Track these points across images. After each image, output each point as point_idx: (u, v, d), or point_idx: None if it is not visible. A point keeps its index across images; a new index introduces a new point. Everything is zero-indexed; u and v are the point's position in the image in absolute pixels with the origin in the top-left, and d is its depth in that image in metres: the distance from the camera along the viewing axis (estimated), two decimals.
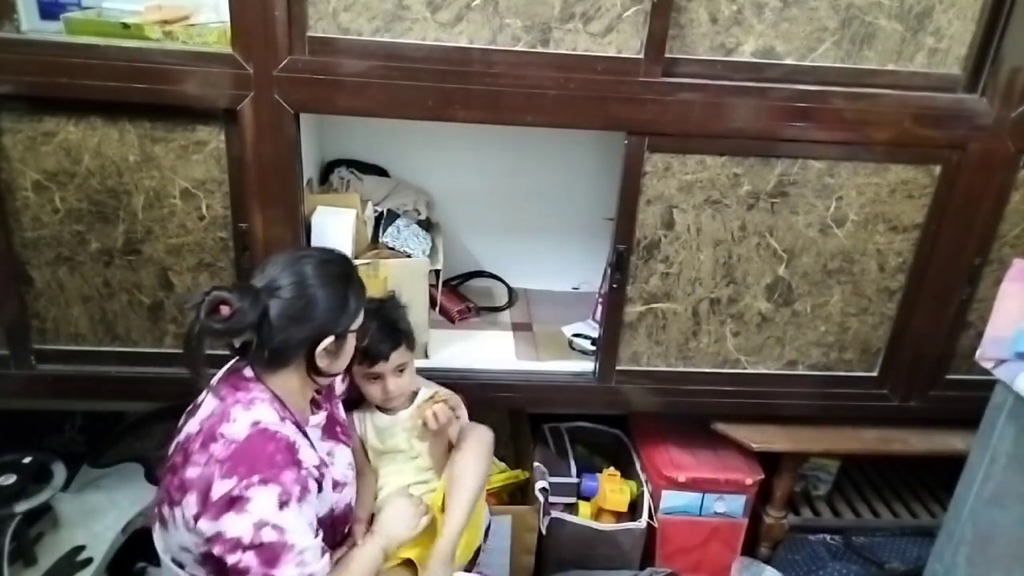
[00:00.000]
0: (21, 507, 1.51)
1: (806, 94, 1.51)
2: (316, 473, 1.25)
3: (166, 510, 1.24)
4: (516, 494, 1.94)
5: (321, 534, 1.23)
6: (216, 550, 1.15)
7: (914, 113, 1.53)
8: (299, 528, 1.17)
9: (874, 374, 1.79)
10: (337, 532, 1.36)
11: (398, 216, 1.85)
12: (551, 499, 1.86)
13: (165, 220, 1.54)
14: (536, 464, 1.90)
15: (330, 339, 1.23)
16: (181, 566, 1.27)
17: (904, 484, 2.14)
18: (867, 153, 1.57)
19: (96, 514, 1.68)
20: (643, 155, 1.54)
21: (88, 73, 1.39)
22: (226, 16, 1.39)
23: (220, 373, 1.30)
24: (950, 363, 1.78)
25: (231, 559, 1.13)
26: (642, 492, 1.90)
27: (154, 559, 1.84)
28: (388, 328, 1.44)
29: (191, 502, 1.17)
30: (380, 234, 1.79)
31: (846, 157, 1.58)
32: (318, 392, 1.36)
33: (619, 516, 1.90)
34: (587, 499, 1.92)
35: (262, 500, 1.14)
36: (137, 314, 1.62)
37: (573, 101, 1.48)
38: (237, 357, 1.27)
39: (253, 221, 1.53)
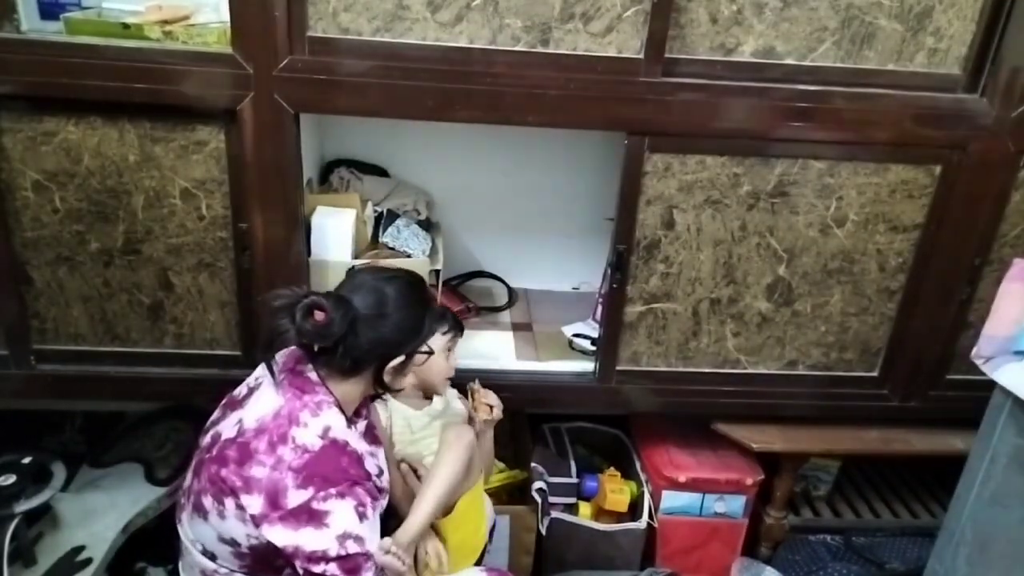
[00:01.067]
0: (21, 507, 1.51)
1: (806, 94, 1.51)
2: (380, 482, 1.31)
3: (208, 501, 1.23)
4: (516, 494, 1.94)
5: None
6: (298, 562, 1.17)
7: (914, 113, 1.53)
8: (374, 535, 1.22)
9: (874, 374, 1.79)
10: (384, 530, 1.38)
11: (398, 216, 1.85)
12: (551, 499, 1.86)
13: (165, 220, 1.54)
14: (534, 464, 1.90)
15: (399, 359, 1.29)
16: (213, 557, 1.27)
17: (904, 484, 2.14)
18: (867, 153, 1.57)
19: (96, 514, 1.68)
20: (643, 155, 1.54)
21: (88, 73, 1.39)
22: (226, 16, 1.39)
23: (277, 368, 1.30)
24: (950, 363, 1.78)
25: (316, 569, 1.16)
26: (642, 492, 1.90)
27: (154, 559, 1.86)
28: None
29: (256, 503, 1.17)
30: (380, 234, 1.79)
31: (846, 157, 1.58)
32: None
33: (619, 516, 1.90)
34: (587, 499, 1.92)
35: (342, 514, 1.18)
36: (137, 314, 1.62)
37: (573, 101, 1.48)
38: (303, 355, 1.30)
39: (253, 221, 1.53)
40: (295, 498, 1.16)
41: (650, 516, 1.87)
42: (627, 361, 1.74)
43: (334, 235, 1.67)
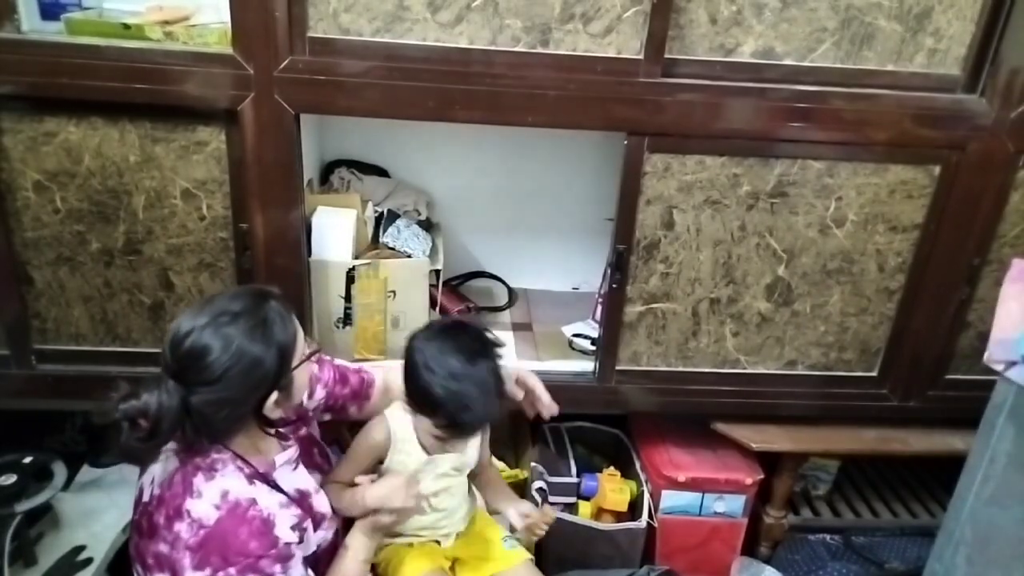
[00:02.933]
0: (21, 507, 1.51)
1: (806, 94, 1.51)
2: (296, 537, 1.18)
3: (140, 571, 1.19)
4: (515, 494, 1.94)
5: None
6: None
7: (913, 113, 1.53)
8: None
9: (874, 374, 1.80)
10: (328, 560, 1.31)
11: (398, 216, 1.85)
12: (551, 499, 1.86)
13: (166, 220, 1.54)
14: (533, 464, 1.90)
15: (275, 394, 1.15)
16: None
17: (904, 484, 2.15)
18: (866, 153, 1.58)
19: (96, 514, 1.68)
20: (643, 155, 1.54)
21: (89, 73, 1.39)
22: (226, 16, 1.39)
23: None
24: (950, 363, 1.78)
25: None
26: (642, 492, 1.90)
27: None
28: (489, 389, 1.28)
29: None
30: (380, 234, 1.79)
31: (845, 157, 1.58)
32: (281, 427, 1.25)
33: (619, 516, 1.91)
34: (587, 499, 1.92)
35: None
36: (137, 314, 1.62)
37: (573, 101, 1.48)
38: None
39: (253, 221, 1.53)
40: None
41: (650, 516, 1.87)
42: (627, 361, 1.74)
43: (334, 235, 1.67)
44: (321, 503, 1.29)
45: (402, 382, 1.32)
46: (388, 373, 1.49)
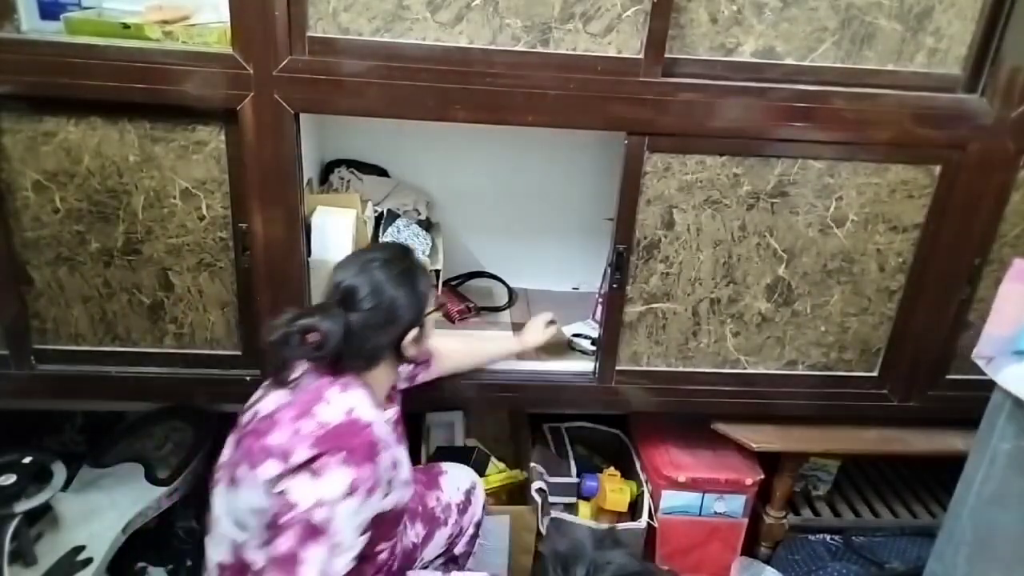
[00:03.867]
0: (21, 507, 1.51)
1: (806, 94, 1.51)
2: (388, 475, 1.28)
3: (242, 471, 1.25)
4: (516, 494, 1.94)
5: (367, 536, 1.24)
6: (274, 503, 1.18)
7: (914, 113, 1.53)
8: (348, 524, 1.20)
9: (874, 374, 1.80)
10: (395, 526, 1.39)
11: (398, 216, 1.85)
12: (551, 499, 1.86)
13: (165, 220, 1.54)
14: (533, 464, 1.90)
15: (415, 331, 1.32)
16: (243, 528, 1.27)
17: (904, 484, 2.14)
18: (867, 153, 1.57)
19: (96, 514, 1.68)
20: (643, 155, 1.54)
21: (88, 73, 1.39)
22: (226, 16, 1.39)
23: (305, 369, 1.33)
24: (950, 363, 1.78)
25: (283, 518, 1.17)
26: (642, 492, 1.90)
27: (154, 559, 1.86)
28: None
29: (270, 466, 1.20)
30: (380, 234, 1.79)
31: (846, 157, 1.58)
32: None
33: (619, 516, 1.90)
34: (587, 499, 1.92)
35: (335, 477, 1.18)
36: (137, 314, 1.62)
37: (573, 101, 1.48)
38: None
39: (253, 221, 1.53)
40: (301, 454, 1.19)
41: (650, 516, 1.87)
42: (627, 361, 1.74)
43: (334, 235, 1.67)
44: (403, 470, 1.37)
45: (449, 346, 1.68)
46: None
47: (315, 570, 1.16)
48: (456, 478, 1.65)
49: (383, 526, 1.33)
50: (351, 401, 1.26)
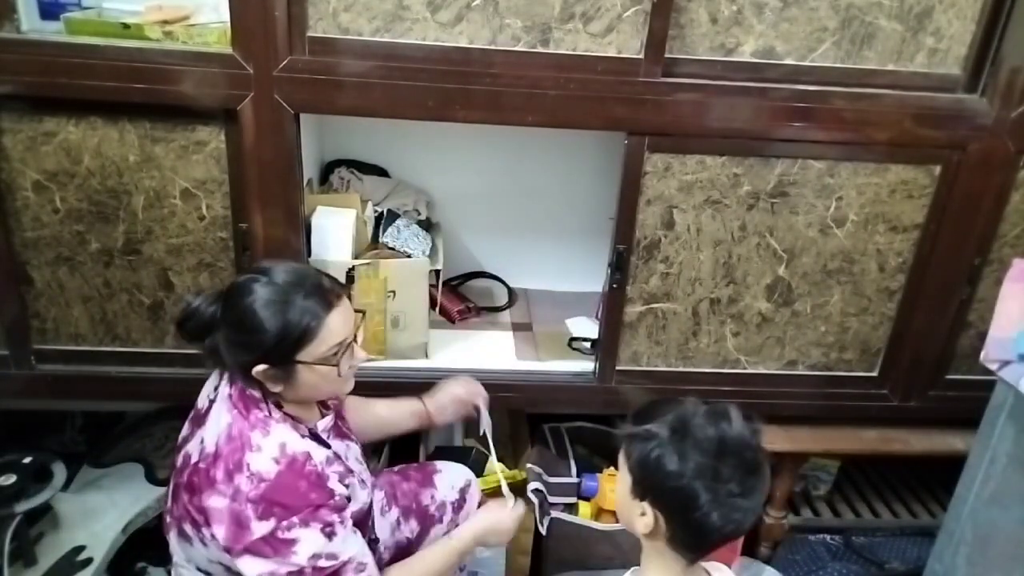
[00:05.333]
0: (21, 507, 1.51)
1: (806, 94, 1.51)
2: (345, 492, 1.25)
3: (189, 528, 1.25)
4: (515, 494, 1.93)
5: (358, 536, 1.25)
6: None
7: (914, 113, 1.53)
8: (349, 544, 1.21)
9: (874, 374, 1.79)
10: (363, 529, 1.37)
11: (398, 216, 1.85)
12: (551, 499, 1.86)
13: (165, 220, 1.54)
14: (530, 465, 1.90)
15: (261, 367, 1.17)
16: (208, 574, 1.29)
17: (904, 484, 2.14)
18: (867, 153, 1.57)
19: (96, 514, 1.68)
20: (643, 155, 1.54)
21: (88, 73, 1.39)
22: (226, 16, 1.39)
23: (225, 381, 1.29)
24: (950, 363, 1.78)
25: None
26: None
27: (154, 559, 1.86)
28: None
29: (222, 534, 1.17)
30: (380, 234, 1.79)
31: (846, 157, 1.58)
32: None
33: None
34: (587, 499, 1.92)
35: (308, 539, 1.16)
36: (137, 314, 1.62)
37: (573, 101, 1.48)
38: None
39: (253, 221, 1.53)
40: (258, 529, 1.15)
41: None
42: (627, 361, 1.74)
43: (334, 235, 1.67)
44: (358, 471, 1.35)
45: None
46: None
47: None
48: (450, 476, 1.65)
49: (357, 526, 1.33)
50: (278, 438, 1.19)
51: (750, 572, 1.93)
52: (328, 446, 1.29)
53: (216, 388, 1.30)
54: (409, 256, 1.76)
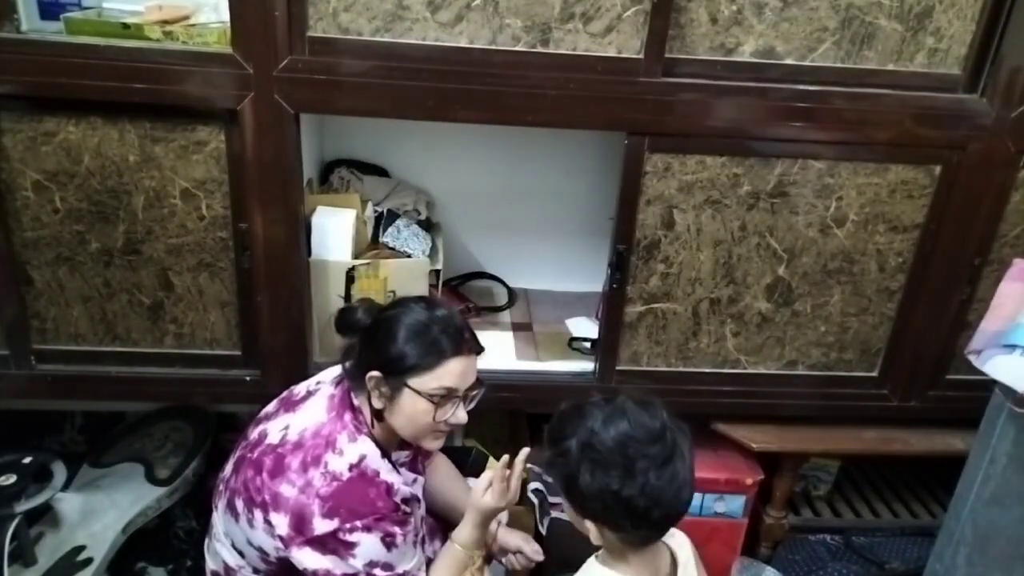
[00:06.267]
0: (21, 507, 1.51)
1: (806, 94, 1.51)
2: (411, 510, 1.30)
3: (240, 505, 1.26)
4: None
5: (418, 541, 1.29)
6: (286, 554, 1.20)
7: (914, 113, 1.53)
8: (406, 557, 1.24)
9: (874, 374, 1.79)
10: None
11: (398, 216, 1.85)
12: (552, 499, 1.86)
13: (165, 220, 1.54)
14: (529, 466, 1.89)
15: (376, 372, 1.24)
16: (241, 555, 1.30)
17: (904, 484, 2.14)
18: (867, 153, 1.57)
19: (96, 514, 1.68)
20: (643, 155, 1.54)
21: (88, 73, 1.39)
22: (226, 16, 1.39)
23: (334, 376, 1.36)
24: (950, 363, 1.78)
25: None
26: None
27: (154, 559, 1.86)
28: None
29: (282, 523, 1.20)
30: (380, 234, 1.79)
31: (846, 157, 1.58)
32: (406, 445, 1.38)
33: None
34: None
35: (368, 544, 1.20)
36: (137, 314, 1.62)
37: (573, 101, 1.48)
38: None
39: (253, 221, 1.53)
40: (321, 526, 1.18)
41: None
42: (627, 361, 1.74)
43: (334, 235, 1.67)
44: (416, 506, 1.37)
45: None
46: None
47: None
48: None
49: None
50: (361, 449, 1.25)
51: (750, 572, 1.93)
52: (399, 474, 1.32)
53: (319, 383, 1.35)
54: (409, 256, 1.76)
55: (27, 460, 1.58)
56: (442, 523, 1.59)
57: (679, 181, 1.58)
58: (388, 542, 1.21)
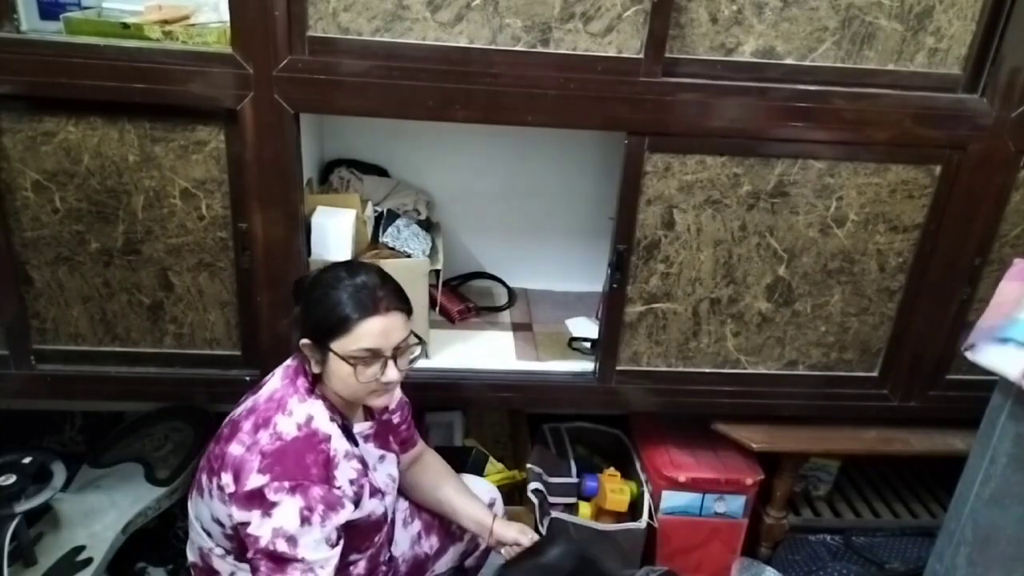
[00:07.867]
0: (21, 507, 1.51)
1: (806, 94, 1.51)
2: (351, 491, 1.28)
3: (204, 479, 1.29)
4: (515, 494, 1.94)
5: (341, 545, 1.25)
6: (242, 535, 1.22)
7: (914, 113, 1.53)
8: (312, 544, 1.21)
9: (874, 374, 1.79)
10: (367, 538, 1.39)
11: (398, 216, 1.85)
12: (551, 499, 1.86)
13: (165, 220, 1.54)
14: (529, 466, 1.90)
15: (306, 340, 1.27)
16: (209, 535, 1.32)
17: (904, 484, 2.14)
18: (867, 153, 1.57)
19: (96, 514, 1.68)
20: (643, 155, 1.54)
21: (88, 73, 1.39)
22: (226, 16, 1.39)
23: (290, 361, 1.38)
24: (950, 363, 1.78)
25: (249, 553, 1.21)
26: (642, 492, 1.90)
27: (154, 559, 1.86)
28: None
29: (228, 480, 1.22)
30: (380, 234, 1.79)
31: (846, 157, 1.58)
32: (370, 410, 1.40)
33: (619, 516, 1.90)
34: (587, 499, 1.92)
35: (286, 510, 1.19)
36: (137, 314, 1.62)
37: (573, 101, 1.48)
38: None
39: (253, 221, 1.53)
40: (253, 480, 1.20)
41: (650, 516, 1.87)
42: (627, 361, 1.74)
43: (334, 235, 1.67)
44: (377, 479, 1.38)
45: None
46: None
47: None
48: (476, 493, 1.64)
49: (355, 537, 1.33)
50: (310, 410, 1.27)
51: (750, 572, 1.93)
52: (356, 444, 1.33)
53: (287, 364, 1.37)
54: (409, 256, 1.76)
55: (27, 460, 1.58)
56: (437, 520, 1.59)
57: (679, 181, 1.58)
58: (304, 516, 1.19)
